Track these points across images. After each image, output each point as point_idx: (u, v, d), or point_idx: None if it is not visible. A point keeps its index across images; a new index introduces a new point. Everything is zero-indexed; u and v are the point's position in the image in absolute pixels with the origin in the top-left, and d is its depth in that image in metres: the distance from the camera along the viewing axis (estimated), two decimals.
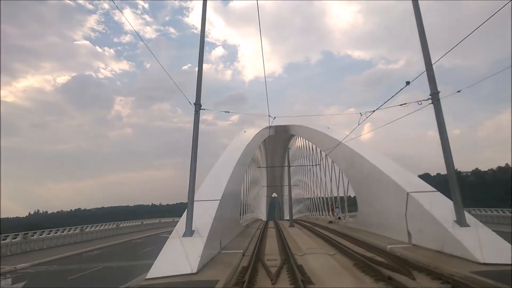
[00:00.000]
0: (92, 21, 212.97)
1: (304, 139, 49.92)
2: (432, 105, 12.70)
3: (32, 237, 25.57)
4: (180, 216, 13.83)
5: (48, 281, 14.80)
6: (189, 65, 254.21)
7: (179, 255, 11.47)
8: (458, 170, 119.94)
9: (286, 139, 63.56)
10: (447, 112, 12.69)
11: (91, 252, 24.37)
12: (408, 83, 12.98)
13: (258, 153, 53.87)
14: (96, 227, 33.59)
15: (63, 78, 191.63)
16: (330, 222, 33.90)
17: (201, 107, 13.89)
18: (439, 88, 12.67)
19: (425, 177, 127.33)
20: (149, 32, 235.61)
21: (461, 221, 12.46)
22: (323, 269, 11.53)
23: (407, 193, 15.62)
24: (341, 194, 33.24)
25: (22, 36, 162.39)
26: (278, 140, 62.63)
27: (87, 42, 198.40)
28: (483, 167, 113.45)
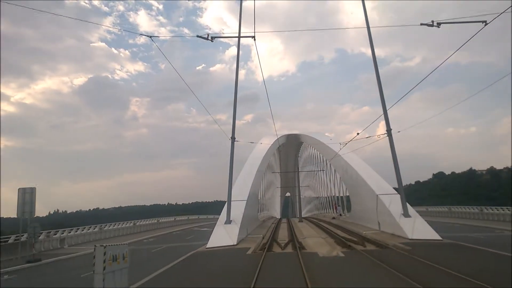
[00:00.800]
0: (107, 23, 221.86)
1: (311, 147, 56.37)
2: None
3: (105, 228, 32.70)
4: (198, 214, 20.84)
5: (139, 253, 20.98)
6: (203, 65, 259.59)
7: (224, 234, 18.50)
8: (473, 168, 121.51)
9: (297, 145, 70.02)
10: (463, 109, 17.91)
11: (149, 239, 31.07)
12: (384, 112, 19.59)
13: (273, 158, 60.68)
14: (141, 222, 40.70)
15: (80, 80, 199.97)
16: (333, 218, 40.47)
17: (235, 140, 20.80)
18: (454, 85, 19.37)
19: (439, 176, 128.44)
20: (164, 33, 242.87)
21: (405, 214, 19.10)
22: (314, 244, 18.32)
23: (377, 195, 22.26)
24: (342, 195, 39.77)
25: (40, 38, 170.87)
26: (290, 147, 69.11)
27: (103, 44, 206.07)
28: (499, 166, 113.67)
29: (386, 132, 19.67)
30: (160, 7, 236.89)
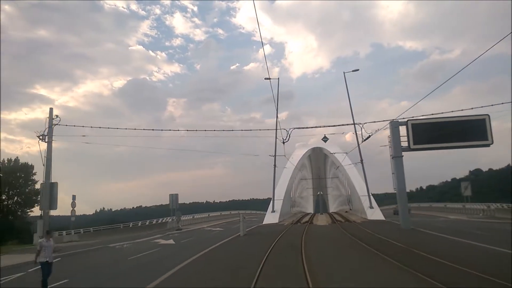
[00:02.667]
0: (145, 26, 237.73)
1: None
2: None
3: (195, 217, 49.82)
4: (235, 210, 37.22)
5: (227, 229, 37.38)
6: (237, 64, 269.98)
7: (271, 217, 35.28)
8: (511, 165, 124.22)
9: (322, 155, 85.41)
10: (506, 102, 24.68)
11: (229, 222, 47.38)
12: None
13: (307, 163, 77.11)
14: (207, 214, 57.88)
15: (119, 83, 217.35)
16: (346, 211, 55.83)
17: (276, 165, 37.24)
18: (498, 77, 32.63)
19: (476, 172, 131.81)
20: (199, 35, 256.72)
21: (370, 207, 34.81)
22: (318, 222, 34.45)
23: (359, 196, 37.96)
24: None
25: (81, 44, 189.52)
26: (317, 156, 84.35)
27: (140, 47, 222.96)
28: None
29: (360, 161, 35.33)
30: (195, 8, 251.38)
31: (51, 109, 20.54)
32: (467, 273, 8.74)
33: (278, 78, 39.72)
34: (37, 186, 58.60)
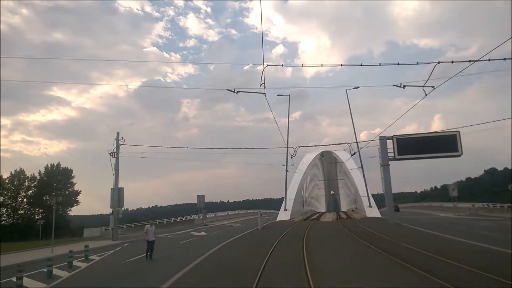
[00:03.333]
0: (159, 28, 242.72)
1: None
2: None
3: (217, 215, 55.89)
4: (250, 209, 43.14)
5: (246, 224, 43.32)
6: (250, 64, 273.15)
7: (283, 215, 41.12)
8: None
9: (333, 157, 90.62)
10: None
11: (247, 219, 53.50)
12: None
13: (319, 165, 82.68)
14: (227, 212, 63.90)
15: (134, 84, 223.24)
16: (353, 210, 61.10)
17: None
18: None
19: (491, 172, 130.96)
20: (212, 35, 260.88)
21: (370, 206, 40.26)
22: (325, 220, 40.09)
23: (360, 196, 43.40)
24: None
25: (97, 46, 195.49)
26: (329, 158, 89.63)
27: (155, 49, 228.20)
28: None
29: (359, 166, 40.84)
30: (208, 9, 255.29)
31: (118, 133, 26.68)
32: (421, 254, 12.97)
33: (289, 95, 45.29)
34: (76, 187, 66.18)
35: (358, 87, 42.99)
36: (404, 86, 14.02)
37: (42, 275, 12.39)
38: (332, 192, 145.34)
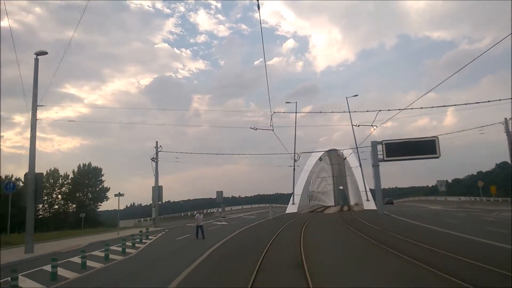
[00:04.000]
0: (170, 24, 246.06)
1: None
2: None
3: (232, 208, 62.23)
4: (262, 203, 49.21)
5: (259, 216, 49.54)
6: (260, 59, 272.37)
7: (292, 208, 47.16)
8: None
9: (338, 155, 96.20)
10: None
11: (257, 213, 59.94)
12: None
13: (328, 161, 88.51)
14: (241, 206, 70.10)
15: (146, 80, 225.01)
16: (356, 204, 66.66)
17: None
18: None
19: (502, 165, 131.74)
20: (223, 31, 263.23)
21: (367, 199, 45.96)
22: (328, 212, 45.94)
23: (360, 191, 49.09)
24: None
25: (109, 43, 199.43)
26: (337, 155, 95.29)
27: (166, 45, 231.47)
28: None
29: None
30: (219, 5, 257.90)
31: (157, 142, 33.08)
32: (398, 239, 18.29)
33: (296, 103, 51.00)
34: (105, 184, 73.25)
35: (357, 95, 48.13)
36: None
37: (121, 250, 18.55)
38: (341, 187, 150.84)
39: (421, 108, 21.65)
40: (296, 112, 48.42)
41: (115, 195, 28.00)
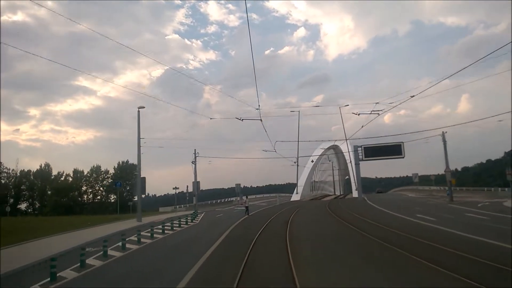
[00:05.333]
0: (180, 15, 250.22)
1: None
2: None
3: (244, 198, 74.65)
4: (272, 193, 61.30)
5: (269, 203, 61.48)
6: (271, 49, 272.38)
7: (295, 197, 59.28)
8: None
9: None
10: None
11: (268, 201, 72.15)
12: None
13: (334, 154, 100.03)
14: (256, 196, 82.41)
15: (157, 72, 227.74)
16: (351, 193, 78.13)
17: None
18: None
19: (511, 153, 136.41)
20: (233, 21, 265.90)
21: (356, 189, 57.73)
22: (324, 199, 57.89)
23: (352, 182, 60.79)
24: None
25: (121, 35, 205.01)
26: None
27: (176, 36, 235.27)
28: None
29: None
30: None
31: (195, 150, 45.00)
32: (355, 216, 31.34)
33: (299, 112, 62.43)
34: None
35: (348, 105, 58.77)
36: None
37: (190, 220, 30.61)
38: (347, 177, 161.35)
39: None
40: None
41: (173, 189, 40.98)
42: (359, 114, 31.50)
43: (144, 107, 29.77)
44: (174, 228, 23.67)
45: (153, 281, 10.17)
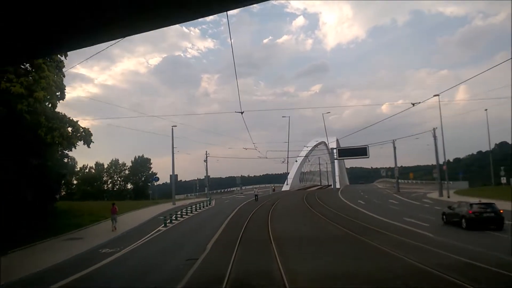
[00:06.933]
0: None
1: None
2: None
3: (247, 188, 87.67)
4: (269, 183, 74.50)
5: (264, 192, 74.60)
6: (270, 37, 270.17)
7: (285, 187, 72.47)
8: None
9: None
10: None
11: (263, 190, 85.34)
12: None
13: (324, 148, 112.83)
14: (254, 186, 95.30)
15: (155, 60, 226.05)
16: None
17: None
18: None
19: (501, 145, 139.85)
20: (233, 10, 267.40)
21: (334, 181, 70.99)
22: (309, 190, 71.03)
23: (336, 175, 74.05)
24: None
25: None
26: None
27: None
28: None
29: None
30: None
31: (206, 151, 57.65)
32: (317, 203, 44.35)
33: (289, 116, 74.43)
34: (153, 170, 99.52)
35: (329, 112, 71.14)
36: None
37: (207, 204, 43.37)
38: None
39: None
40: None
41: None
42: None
43: (176, 126, 42.26)
44: (201, 208, 36.56)
45: (204, 229, 23.01)
